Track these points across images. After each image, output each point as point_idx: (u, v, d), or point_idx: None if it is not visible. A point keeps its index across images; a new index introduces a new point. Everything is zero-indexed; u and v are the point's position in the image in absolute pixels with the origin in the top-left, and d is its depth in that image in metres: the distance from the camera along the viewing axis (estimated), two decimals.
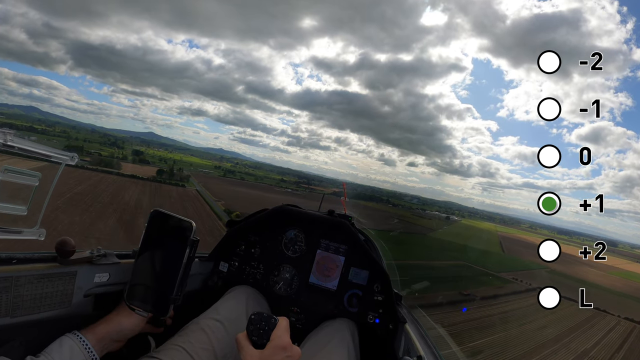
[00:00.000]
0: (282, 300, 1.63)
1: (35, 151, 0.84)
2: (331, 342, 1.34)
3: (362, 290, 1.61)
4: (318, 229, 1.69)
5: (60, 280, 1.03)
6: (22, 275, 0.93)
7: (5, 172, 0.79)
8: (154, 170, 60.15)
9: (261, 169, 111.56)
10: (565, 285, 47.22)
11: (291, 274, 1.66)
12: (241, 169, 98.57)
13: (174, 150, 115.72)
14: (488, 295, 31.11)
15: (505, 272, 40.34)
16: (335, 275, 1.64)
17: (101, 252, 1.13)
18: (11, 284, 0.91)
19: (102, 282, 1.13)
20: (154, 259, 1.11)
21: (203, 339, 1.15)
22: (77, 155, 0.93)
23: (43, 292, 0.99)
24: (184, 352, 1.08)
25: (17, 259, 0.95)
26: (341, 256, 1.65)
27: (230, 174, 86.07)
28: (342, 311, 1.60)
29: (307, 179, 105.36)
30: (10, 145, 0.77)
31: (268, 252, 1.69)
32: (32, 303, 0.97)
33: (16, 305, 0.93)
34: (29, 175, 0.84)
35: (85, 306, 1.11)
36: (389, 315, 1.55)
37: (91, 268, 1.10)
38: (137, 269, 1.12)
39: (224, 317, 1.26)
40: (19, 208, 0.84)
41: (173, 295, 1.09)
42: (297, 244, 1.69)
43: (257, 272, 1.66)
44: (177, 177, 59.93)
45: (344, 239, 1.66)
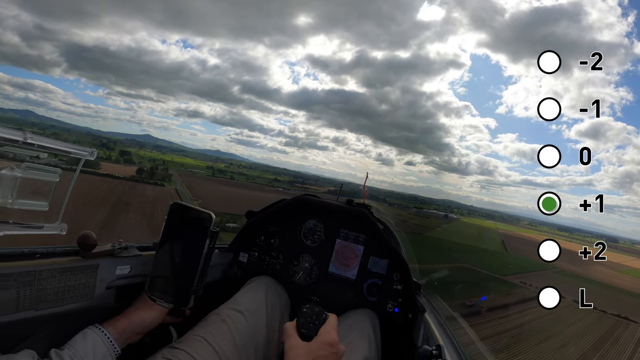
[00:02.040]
0: (301, 289, 1.61)
1: (54, 147, 0.84)
2: (352, 333, 1.33)
3: (381, 279, 1.59)
4: (337, 219, 1.66)
5: (83, 273, 1.03)
6: (45, 269, 0.94)
7: (26, 168, 0.80)
8: (135, 170, 56.68)
9: (256, 169, 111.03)
10: (575, 287, 42.72)
11: (310, 264, 1.64)
12: (234, 169, 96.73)
13: (168, 152, 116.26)
14: (496, 306, 26.23)
15: (511, 275, 35.33)
16: (355, 265, 1.61)
17: (122, 244, 1.13)
18: (34, 278, 0.92)
19: (123, 275, 1.13)
20: (174, 251, 1.11)
21: (224, 330, 1.14)
22: (96, 151, 0.93)
23: (66, 285, 0.99)
24: (205, 342, 1.08)
25: (40, 254, 0.96)
26: (360, 245, 1.63)
27: (220, 174, 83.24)
28: (361, 300, 1.58)
29: (302, 179, 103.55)
30: (29, 143, 0.78)
31: (287, 242, 1.67)
32: (55, 296, 0.97)
33: (40, 298, 0.94)
34: (49, 171, 0.84)
35: (107, 298, 1.11)
36: (408, 304, 1.54)
37: (113, 261, 1.10)
38: (157, 260, 1.11)
39: (244, 307, 1.25)
40: (41, 204, 0.85)
41: (194, 286, 1.08)
42: (316, 233, 1.67)
43: (276, 262, 1.65)
44: (158, 177, 56.82)
45: (363, 228, 1.64)
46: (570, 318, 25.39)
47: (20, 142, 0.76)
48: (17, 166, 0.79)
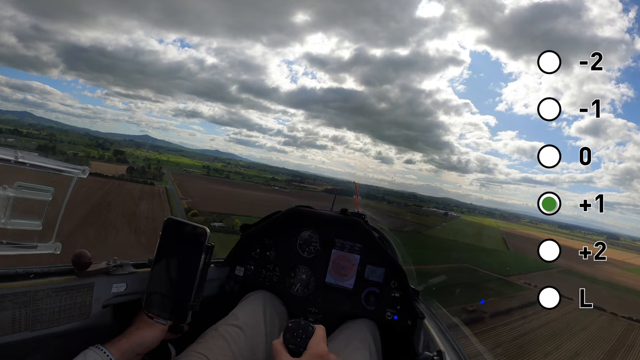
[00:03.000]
0: (299, 301, 1.61)
1: (46, 166, 0.84)
2: (352, 343, 1.33)
3: (379, 287, 1.58)
4: (332, 229, 1.66)
5: (78, 292, 1.02)
6: (40, 289, 0.93)
7: (18, 188, 0.80)
8: (125, 168, 54.99)
9: (255, 168, 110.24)
10: (582, 287, 40.68)
11: (307, 275, 1.63)
12: (231, 169, 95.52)
13: (166, 152, 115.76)
14: (500, 311, 23.77)
15: (515, 276, 33.16)
16: (352, 274, 1.61)
17: (117, 262, 1.13)
18: (30, 299, 0.91)
19: (119, 292, 1.12)
20: (170, 267, 1.11)
21: (223, 346, 1.14)
22: (89, 168, 0.92)
23: (62, 304, 0.98)
24: (205, 358, 1.08)
25: (34, 274, 0.95)
26: (356, 254, 1.62)
27: (216, 173, 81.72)
28: (360, 309, 1.57)
29: (301, 178, 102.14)
30: (21, 162, 0.78)
31: (283, 254, 1.67)
32: (52, 316, 0.96)
33: (35, 319, 0.93)
34: (41, 190, 0.84)
35: (104, 317, 1.10)
36: (407, 311, 1.53)
37: (108, 279, 1.09)
38: (153, 277, 1.11)
39: (243, 322, 1.25)
40: (34, 223, 0.85)
41: (191, 302, 1.08)
42: (312, 244, 1.66)
43: (273, 275, 1.64)
44: (149, 175, 55.16)
45: (359, 238, 1.63)
46: (579, 322, 23.34)
47: (12, 162, 0.76)
48: (9, 185, 0.78)
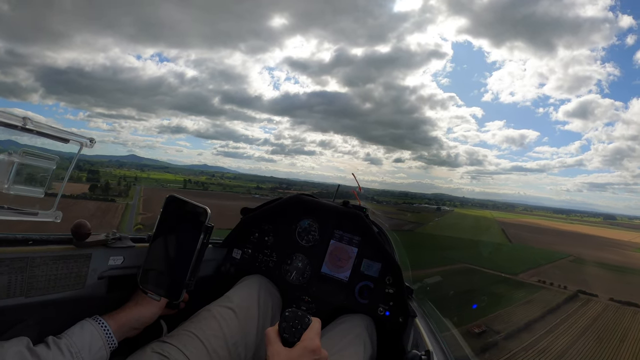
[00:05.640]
0: (293, 289, 1.58)
1: (52, 134, 0.84)
2: (346, 338, 1.31)
3: (373, 282, 1.55)
4: (332, 220, 1.62)
5: (75, 262, 1.02)
6: (37, 256, 0.93)
7: (23, 154, 0.79)
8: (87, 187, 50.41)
9: (241, 179, 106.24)
10: (598, 279, 35.87)
11: (304, 263, 1.61)
12: (214, 181, 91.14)
13: (152, 170, 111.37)
14: (516, 327, 17.36)
15: (524, 273, 27.52)
16: (348, 267, 1.58)
17: (116, 235, 1.12)
18: (26, 265, 0.91)
19: (116, 265, 1.12)
20: (168, 244, 1.10)
21: (214, 326, 1.14)
22: (95, 139, 0.92)
23: (58, 273, 0.98)
24: (196, 338, 1.08)
25: (33, 240, 0.94)
26: (354, 247, 1.59)
27: (195, 185, 77.23)
28: (352, 302, 1.55)
29: (287, 184, 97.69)
30: (28, 129, 0.78)
31: (281, 241, 1.64)
32: (47, 284, 0.96)
33: (31, 285, 0.93)
34: (46, 158, 0.84)
35: (98, 288, 1.10)
36: (400, 308, 1.51)
37: (106, 251, 1.09)
38: (151, 253, 1.11)
39: (236, 305, 1.24)
40: (36, 190, 0.84)
41: (186, 281, 1.07)
42: (311, 233, 1.63)
43: (269, 260, 1.61)
44: (114, 192, 52.00)
45: (358, 231, 1.60)
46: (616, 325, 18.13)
47: (19, 128, 0.75)
48: (14, 151, 0.78)
